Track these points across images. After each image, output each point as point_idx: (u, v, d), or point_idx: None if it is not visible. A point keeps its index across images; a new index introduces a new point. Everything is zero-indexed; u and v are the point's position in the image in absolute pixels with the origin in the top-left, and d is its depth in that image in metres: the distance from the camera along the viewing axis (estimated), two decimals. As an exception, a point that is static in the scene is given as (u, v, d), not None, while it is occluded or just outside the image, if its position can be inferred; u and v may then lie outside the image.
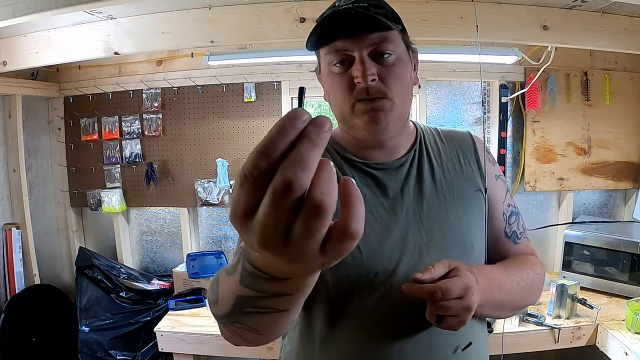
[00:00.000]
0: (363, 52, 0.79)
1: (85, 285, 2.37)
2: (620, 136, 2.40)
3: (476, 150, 0.95)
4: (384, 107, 0.81)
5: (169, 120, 2.51)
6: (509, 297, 0.85)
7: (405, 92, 0.84)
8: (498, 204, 0.95)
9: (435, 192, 0.88)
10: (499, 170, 0.99)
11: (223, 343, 1.90)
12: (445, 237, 0.85)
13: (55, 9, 1.49)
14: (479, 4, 1.76)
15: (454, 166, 0.92)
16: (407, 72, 0.84)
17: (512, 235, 0.95)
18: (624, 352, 1.66)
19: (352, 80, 0.80)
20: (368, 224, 0.81)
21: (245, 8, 1.79)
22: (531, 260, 0.93)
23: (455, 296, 0.70)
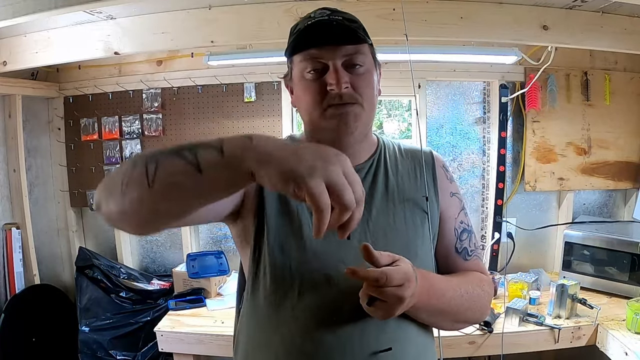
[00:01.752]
0: (337, 62, 0.85)
1: (85, 285, 2.37)
2: (620, 136, 2.40)
3: (434, 167, 0.99)
4: (354, 112, 0.87)
5: (169, 120, 2.51)
6: (449, 307, 0.86)
7: (373, 101, 0.91)
8: (450, 219, 0.98)
9: (386, 199, 0.92)
10: (456, 188, 1.02)
11: (223, 343, 1.90)
12: (389, 241, 0.87)
13: (55, 9, 1.49)
14: (479, 4, 1.76)
15: (409, 178, 0.96)
16: (374, 83, 0.91)
17: (462, 252, 0.97)
18: (624, 352, 1.66)
19: (325, 87, 0.85)
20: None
21: (245, 8, 1.79)
22: (479, 277, 0.95)
23: (395, 284, 0.71)
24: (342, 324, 0.81)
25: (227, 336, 1.90)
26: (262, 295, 0.87)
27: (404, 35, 1.06)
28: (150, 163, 0.61)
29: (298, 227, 0.88)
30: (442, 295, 0.84)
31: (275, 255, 0.87)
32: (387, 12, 1.69)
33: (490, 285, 0.97)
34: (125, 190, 0.62)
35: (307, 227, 0.87)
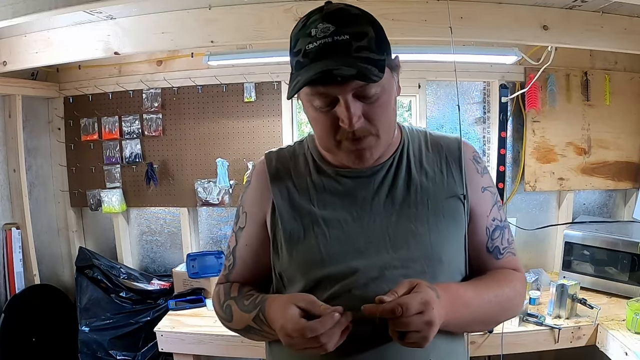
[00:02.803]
0: (347, 96, 0.75)
1: (85, 285, 2.37)
2: (620, 136, 2.40)
3: (461, 159, 0.91)
4: (370, 144, 0.81)
5: (169, 120, 2.51)
6: (478, 314, 0.83)
7: (391, 120, 0.84)
8: (482, 217, 0.91)
9: (408, 202, 0.86)
10: (487, 182, 0.94)
11: (223, 343, 1.91)
12: (410, 249, 0.83)
13: (55, 9, 1.49)
14: (479, 4, 1.76)
15: (434, 175, 0.89)
16: (391, 99, 0.82)
17: (494, 251, 0.92)
18: (624, 352, 1.66)
19: (337, 121, 0.78)
20: (334, 233, 0.84)
21: (245, 8, 1.79)
22: (509, 276, 0.90)
23: (414, 311, 0.69)
24: (370, 346, 0.79)
25: (227, 336, 1.90)
26: None
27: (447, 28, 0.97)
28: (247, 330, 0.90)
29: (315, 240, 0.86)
30: (469, 305, 0.81)
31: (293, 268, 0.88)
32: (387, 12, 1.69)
33: (522, 283, 0.92)
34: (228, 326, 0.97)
35: (324, 238, 0.85)
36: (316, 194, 0.89)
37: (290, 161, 0.95)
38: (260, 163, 0.98)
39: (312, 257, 0.85)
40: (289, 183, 0.92)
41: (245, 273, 0.97)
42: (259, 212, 0.94)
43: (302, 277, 0.86)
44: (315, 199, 0.89)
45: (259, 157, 1.01)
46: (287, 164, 0.95)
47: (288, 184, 0.92)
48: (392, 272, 0.81)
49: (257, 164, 0.99)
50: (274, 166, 0.95)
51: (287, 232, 0.88)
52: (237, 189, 2.49)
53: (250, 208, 0.96)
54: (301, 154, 0.95)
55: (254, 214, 0.95)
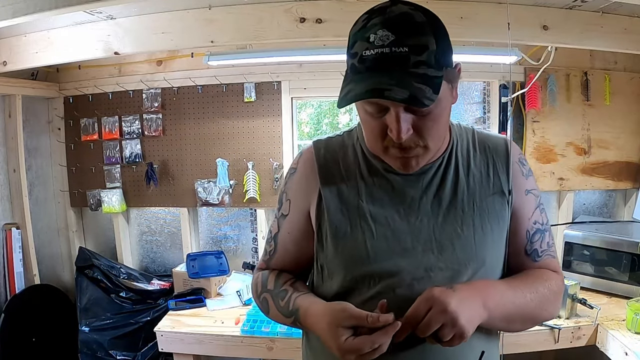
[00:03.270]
0: (399, 108, 0.73)
1: (85, 285, 2.37)
2: (620, 136, 2.40)
3: (508, 161, 0.90)
4: (417, 154, 0.80)
5: (169, 120, 2.51)
6: (517, 307, 0.83)
7: (442, 131, 0.82)
8: (523, 220, 0.91)
9: (455, 204, 0.86)
10: (531, 185, 0.93)
11: (223, 343, 1.91)
12: (456, 250, 0.84)
13: (55, 9, 1.49)
14: (479, 4, 1.76)
15: (481, 177, 0.89)
16: (445, 111, 0.80)
17: (532, 253, 0.92)
18: (624, 352, 1.66)
19: (385, 128, 0.77)
20: (381, 229, 0.84)
21: (245, 8, 1.79)
22: (545, 275, 0.89)
23: (424, 311, 0.72)
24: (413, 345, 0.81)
25: (227, 336, 1.90)
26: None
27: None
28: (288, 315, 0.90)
29: (361, 235, 0.87)
30: (506, 296, 0.81)
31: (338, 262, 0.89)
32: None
33: (558, 283, 0.91)
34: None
35: (370, 234, 0.86)
36: (365, 188, 0.88)
37: (339, 152, 0.93)
38: (307, 151, 0.96)
39: (358, 253, 0.85)
40: (337, 174, 0.91)
41: (285, 260, 0.98)
42: (304, 201, 0.93)
43: (345, 272, 0.86)
44: (364, 194, 0.88)
45: (259, 157, 1.02)
46: (335, 154, 0.93)
47: (336, 175, 0.91)
48: (436, 274, 0.82)
49: (305, 151, 0.97)
50: (322, 155, 0.93)
51: (333, 226, 0.88)
52: (237, 189, 2.49)
53: (295, 196, 0.95)
54: (350, 145, 0.93)
55: (299, 203, 0.94)
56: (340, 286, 0.87)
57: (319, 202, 0.90)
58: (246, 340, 1.88)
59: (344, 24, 1.75)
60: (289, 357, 1.86)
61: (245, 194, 2.46)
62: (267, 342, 1.87)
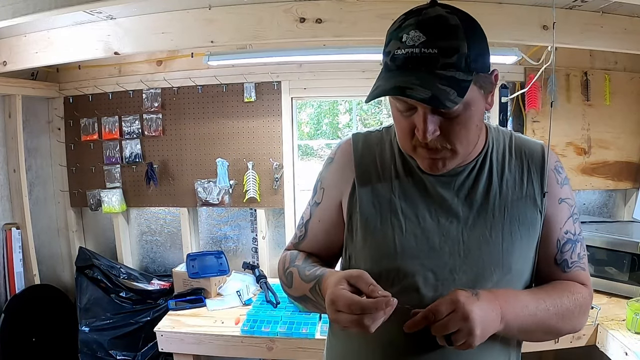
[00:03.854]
0: (426, 108, 0.74)
1: (85, 285, 2.37)
2: (620, 136, 2.40)
3: (544, 168, 0.89)
4: (444, 157, 0.80)
5: (169, 120, 2.51)
6: (538, 319, 0.82)
7: (472, 136, 0.81)
8: (555, 229, 0.89)
9: (486, 208, 0.86)
10: (566, 194, 0.92)
11: (223, 343, 1.91)
12: (482, 255, 0.84)
13: (55, 9, 1.49)
14: (478, 4, 1.76)
15: (515, 183, 0.88)
16: (475, 117, 0.78)
17: (562, 263, 0.91)
18: (624, 352, 1.66)
19: (414, 127, 0.77)
20: (410, 226, 0.85)
21: (245, 8, 1.79)
22: (572, 287, 0.89)
23: (446, 312, 0.71)
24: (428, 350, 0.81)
25: (227, 336, 1.91)
26: None
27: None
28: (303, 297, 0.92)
29: (391, 230, 0.87)
30: (524, 313, 0.80)
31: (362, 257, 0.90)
32: (387, 12, 1.69)
33: (585, 297, 0.90)
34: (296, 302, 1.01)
35: (400, 230, 0.86)
36: (399, 184, 0.89)
37: (377, 146, 0.94)
38: (346, 143, 0.98)
39: (386, 248, 0.86)
40: (372, 168, 0.92)
41: (314, 247, 1.00)
42: (337, 191, 0.95)
43: (371, 264, 0.86)
44: (397, 189, 0.89)
45: (259, 157, 1.03)
46: (373, 148, 0.94)
47: (371, 168, 0.92)
48: (461, 277, 0.83)
49: (343, 143, 0.98)
50: (360, 148, 0.95)
51: (364, 217, 0.89)
52: (237, 189, 2.49)
53: (329, 185, 0.97)
54: (388, 141, 0.94)
55: (332, 192, 0.96)
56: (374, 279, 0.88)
57: (352, 193, 0.91)
58: (246, 340, 1.89)
59: (343, 24, 1.75)
60: (289, 357, 1.86)
61: (245, 194, 2.46)
62: (267, 342, 1.87)
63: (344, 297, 0.73)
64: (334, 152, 1.00)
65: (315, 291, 0.85)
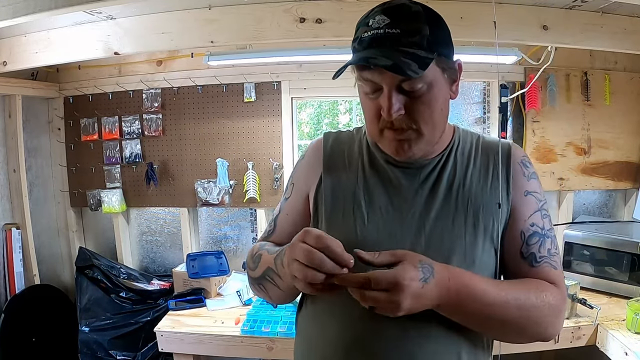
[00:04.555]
0: (390, 86, 0.78)
1: (85, 285, 2.37)
2: (620, 136, 2.40)
3: (510, 163, 0.90)
4: (410, 137, 0.82)
5: (169, 120, 2.51)
6: (492, 312, 0.78)
7: (436, 118, 0.83)
8: (519, 221, 0.88)
9: (449, 200, 0.87)
10: (533, 187, 0.91)
11: (223, 343, 1.91)
12: (444, 246, 0.84)
13: (55, 9, 1.49)
14: (479, 4, 1.76)
15: (479, 177, 0.89)
16: (438, 98, 0.82)
17: (528, 257, 0.87)
18: (624, 352, 1.66)
19: (380, 109, 0.80)
20: (373, 218, 0.87)
21: (245, 8, 1.79)
22: (540, 285, 0.84)
23: (381, 287, 0.70)
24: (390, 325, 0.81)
25: (227, 336, 1.90)
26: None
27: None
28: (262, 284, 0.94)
29: (353, 222, 0.89)
30: (480, 299, 0.77)
31: None
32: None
33: (557, 296, 0.84)
34: (256, 292, 1.01)
35: (362, 222, 0.88)
36: (364, 177, 0.92)
37: (346, 144, 0.99)
38: (317, 141, 1.03)
39: (348, 238, 0.85)
40: (340, 163, 0.96)
41: (283, 239, 1.00)
42: (305, 185, 0.98)
43: None
44: (362, 182, 0.92)
45: (259, 157, 1.04)
46: (343, 145, 0.98)
47: (339, 163, 0.96)
48: None
49: (315, 141, 1.04)
50: (330, 145, 0.99)
51: (328, 209, 0.92)
52: (237, 189, 2.49)
53: (298, 180, 1.02)
54: (357, 138, 0.99)
55: (300, 187, 1.00)
56: None
57: (318, 187, 0.95)
58: (246, 340, 1.89)
59: (343, 24, 1.75)
60: (289, 357, 1.85)
61: (245, 194, 2.46)
62: (267, 342, 1.87)
63: (305, 247, 0.73)
64: (305, 150, 1.05)
65: (280, 258, 0.84)
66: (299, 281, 0.74)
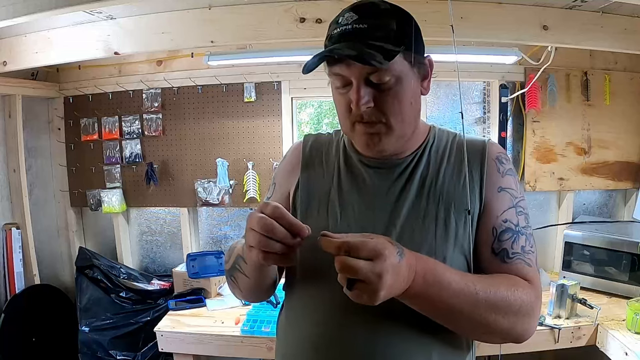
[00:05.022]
0: (359, 79, 0.80)
1: (85, 285, 2.37)
2: (620, 136, 2.40)
3: (484, 160, 0.89)
4: (380, 131, 0.84)
5: (169, 120, 2.51)
6: (458, 303, 0.75)
7: (406, 112, 0.84)
8: (491, 217, 0.87)
9: (420, 197, 0.88)
10: (508, 183, 0.90)
11: (223, 343, 1.91)
12: (414, 242, 0.82)
13: (55, 9, 1.49)
14: (479, 4, 1.76)
15: (453, 173, 0.89)
16: (407, 92, 0.83)
17: (500, 253, 0.85)
18: (624, 352, 1.66)
19: (350, 101, 0.82)
20: (345, 216, 0.89)
21: (245, 8, 1.79)
22: (512, 280, 0.81)
23: (363, 255, 0.66)
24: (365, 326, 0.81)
25: (227, 336, 1.90)
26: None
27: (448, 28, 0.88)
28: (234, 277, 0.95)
29: (326, 220, 0.91)
30: (447, 287, 0.73)
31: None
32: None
33: (529, 293, 0.80)
34: (231, 287, 1.01)
35: (334, 220, 0.90)
36: (338, 177, 0.95)
37: (325, 146, 1.02)
38: (298, 143, 1.06)
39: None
40: (317, 164, 0.99)
41: None
42: (285, 185, 1.01)
43: (311, 253, 0.85)
44: (336, 182, 0.94)
45: (259, 157, 1.05)
46: (321, 147, 1.02)
47: (317, 164, 0.99)
48: None
49: (296, 144, 1.07)
50: (309, 147, 1.02)
51: (303, 208, 0.94)
52: (237, 189, 2.49)
53: (279, 181, 1.04)
54: (335, 141, 1.02)
55: (280, 186, 1.03)
56: (305, 268, 0.90)
57: (297, 186, 0.98)
58: (246, 340, 1.88)
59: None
60: (289, 357, 1.86)
61: (245, 194, 2.46)
62: (267, 342, 1.87)
63: (260, 215, 0.73)
64: (287, 152, 1.08)
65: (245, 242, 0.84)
66: (254, 249, 0.74)
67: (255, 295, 1.01)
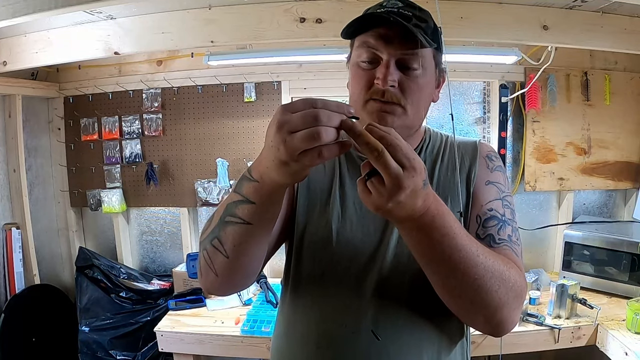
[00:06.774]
0: (391, 58, 0.81)
1: (85, 285, 2.37)
2: (620, 136, 2.40)
3: (475, 157, 0.93)
4: (395, 112, 0.83)
5: (169, 120, 2.51)
6: (458, 256, 0.70)
7: (421, 106, 0.87)
8: (476, 207, 0.89)
9: None
10: (496, 178, 0.92)
11: (223, 343, 1.91)
12: None
13: (55, 9, 1.49)
14: (479, 4, 1.76)
15: (447, 170, 0.93)
16: (428, 87, 0.86)
17: (486, 238, 0.85)
18: (624, 352, 1.66)
19: (373, 79, 0.83)
20: (347, 214, 0.89)
21: (245, 8, 1.79)
22: (508, 260, 0.79)
23: (399, 156, 0.60)
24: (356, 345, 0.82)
25: (227, 336, 1.90)
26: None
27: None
28: (215, 242, 0.80)
29: (329, 217, 0.90)
30: (451, 237, 0.69)
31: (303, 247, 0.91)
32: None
33: (521, 277, 0.78)
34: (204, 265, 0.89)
35: (336, 217, 0.90)
36: (340, 175, 0.95)
37: None
38: None
39: (323, 234, 0.89)
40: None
41: None
42: None
43: (313, 251, 0.89)
44: (338, 180, 0.94)
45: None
46: None
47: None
48: (390, 258, 0.85)
49: None
50: None
51: (305, 205, 0.94)
52: (237, 189, 2.48)
53: None
54: None
55: None
56: (305, 268, 0.90)
57: (297, 184, 0.96)
58: (246, 340, 1.89)
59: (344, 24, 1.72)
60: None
61: (245, 194, 2.45)
62: (267, 342, 1.87)
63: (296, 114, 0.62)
64: None
65: (247, 177, 0.74)
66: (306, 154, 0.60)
67: (234, 275, 0.85)
